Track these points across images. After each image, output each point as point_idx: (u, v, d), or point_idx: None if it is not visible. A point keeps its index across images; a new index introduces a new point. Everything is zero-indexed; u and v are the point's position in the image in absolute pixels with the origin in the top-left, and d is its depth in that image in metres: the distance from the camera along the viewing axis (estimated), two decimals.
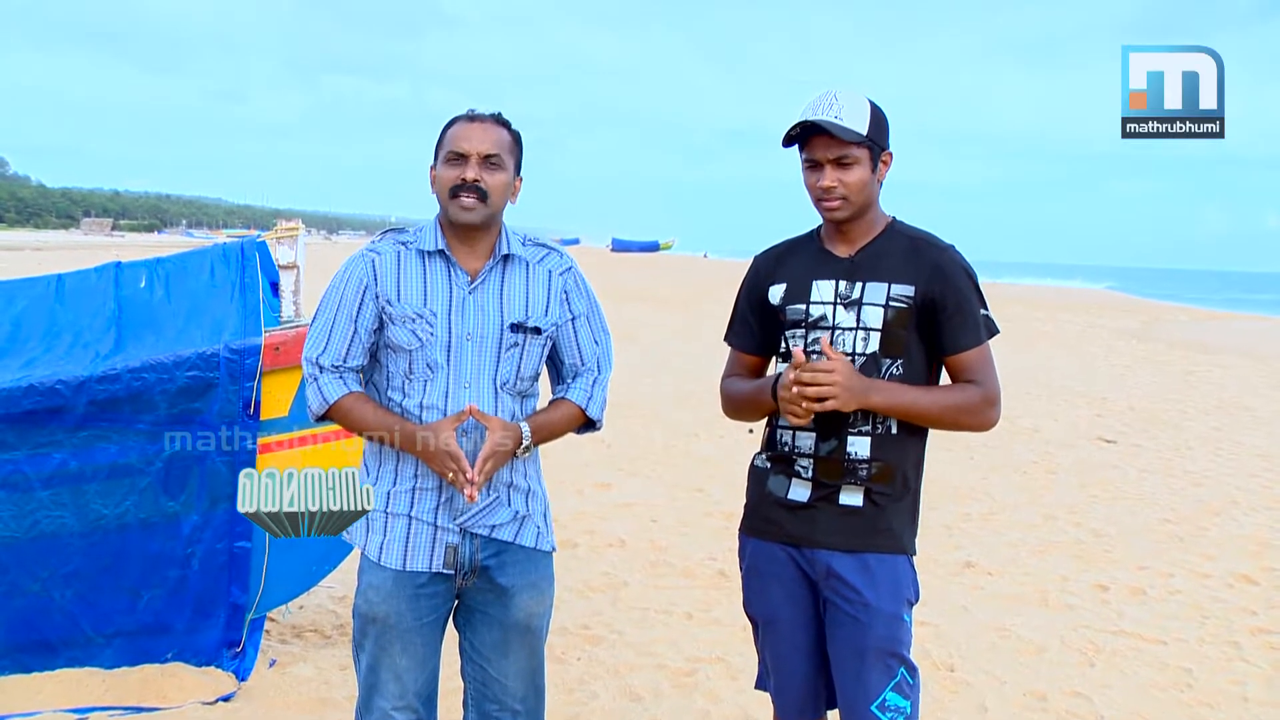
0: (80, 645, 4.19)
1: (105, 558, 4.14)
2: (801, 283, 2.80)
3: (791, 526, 2.78)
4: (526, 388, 2.87)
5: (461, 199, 2.72)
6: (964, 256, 2.76)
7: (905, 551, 2.76)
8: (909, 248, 2.75)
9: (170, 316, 4.35)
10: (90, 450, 4.08)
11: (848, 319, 2.72)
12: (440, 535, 2.80)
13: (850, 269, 2.75)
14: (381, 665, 2.85)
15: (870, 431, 2.71)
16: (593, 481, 8.15)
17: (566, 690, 4.45)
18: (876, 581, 2.71)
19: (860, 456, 2.71)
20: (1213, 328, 29.02)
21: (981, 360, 2.74)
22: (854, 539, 2.72)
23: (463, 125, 2.77)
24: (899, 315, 2.70)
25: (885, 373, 2.70)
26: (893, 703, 2.69)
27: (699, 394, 11.94)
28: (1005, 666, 4.85)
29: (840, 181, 2.68)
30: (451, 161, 2.75)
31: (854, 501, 2.72)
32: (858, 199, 2.70)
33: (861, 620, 2.70)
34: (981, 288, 2.80)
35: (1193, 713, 4.48)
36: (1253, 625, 5.54)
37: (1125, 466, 9.48)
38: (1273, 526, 7.55)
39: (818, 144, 2.69)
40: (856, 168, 2.68)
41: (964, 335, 2.72)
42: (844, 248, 2.78)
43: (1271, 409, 13.06)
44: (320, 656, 4.68)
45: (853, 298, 2.73)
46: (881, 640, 2.69)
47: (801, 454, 2.76)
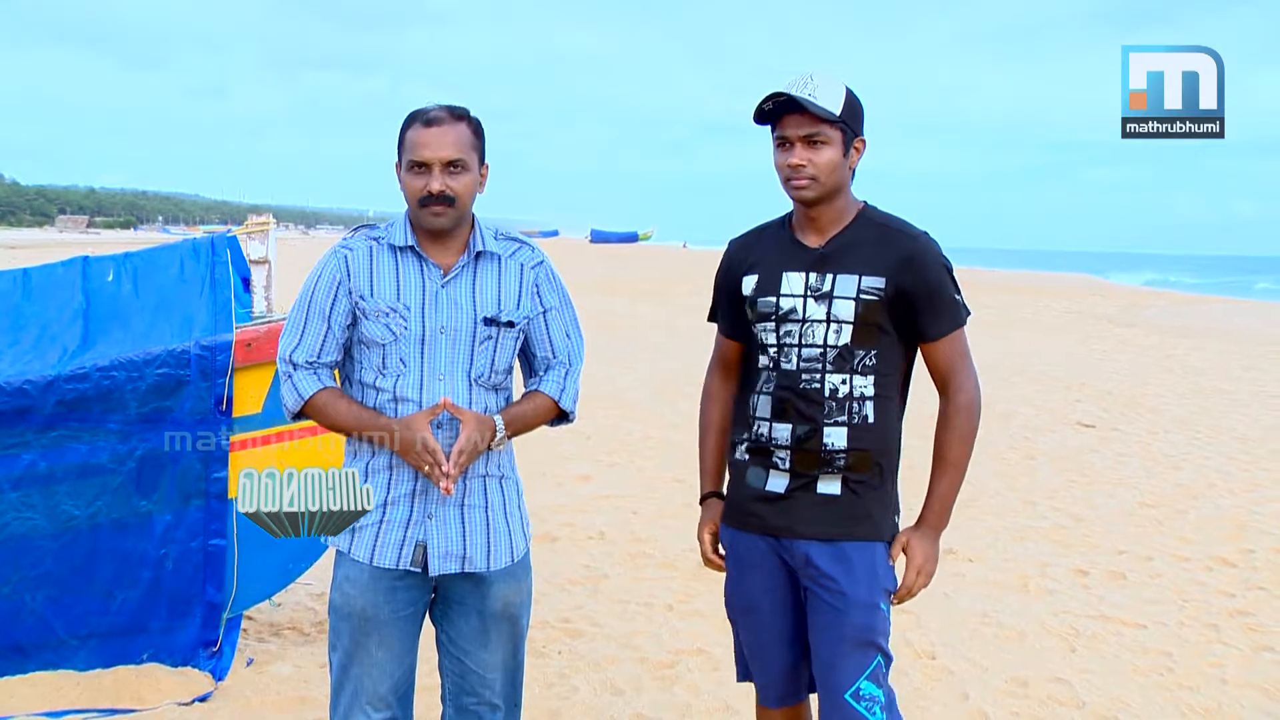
0: (53, 648, 4.14)
1: (77, 559, 4.09)
2: (772, 275, 2.78)
3: (771, 518, 2.79)
4: (500, 381, 2.86)
5: (431, 208, 2.71)
6: (936, 243, 2.75)
7: (883, 539, 2.77)
8: (879, 237, 2.73)
9: (138, 311, 4.29)
10: (60, 450, 4.03)
11: (818, 311, 2.71)
12: (410, 534, 2.78)
13: (820, 261, 2.73)
14: (356, 661, 2.82)
15: (846, 422, 2.71)
16: (572, 474, 8.12)
17: (547, 684, 4.43)
18: (853, 571, 2.71)
19: (837, 447, 2.71)
20: (1190, 312, 29.16)
21: (956, 348, 2.75)
22: (832, 528, 2.72)
23: (420, 131, 2.71)
24: (870, 307, 2.68)
25: (859, 363, 2.70)
26: (867, 691, 2.70)
27: (678, 385, 11.93)
28: (986, 653, 4.85)
29: (810, 160, 2.65)
30: (415, 171, 2.72)
31: (832, 490, 2.73)
32: (827, 180, 2.67)
33: (838, 609, 2.70)
34: (955, 273, 2.78)
35: (1173, 695, 4.49)
36: (1231, 607, 5.56)
37: (1104, 451, 9.51)
38: (1250, 509, 7.58)
39: (789, 121, 2.67)
40: (827, 148, 2.66)
41: (938, 323, 2.72)
42: (814, 237, 2.76)
43: (1248, 392, 13.12)
44: (299, 654, 4.64)
45: (823, 290, 2.71)
46: (857, 629, 2.69)
47: (779, 445, 2.75)
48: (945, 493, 2.77)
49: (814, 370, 2.71)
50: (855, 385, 2.71)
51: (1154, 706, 4.39)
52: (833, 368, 2.70)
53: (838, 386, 2.70)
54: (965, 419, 2.76)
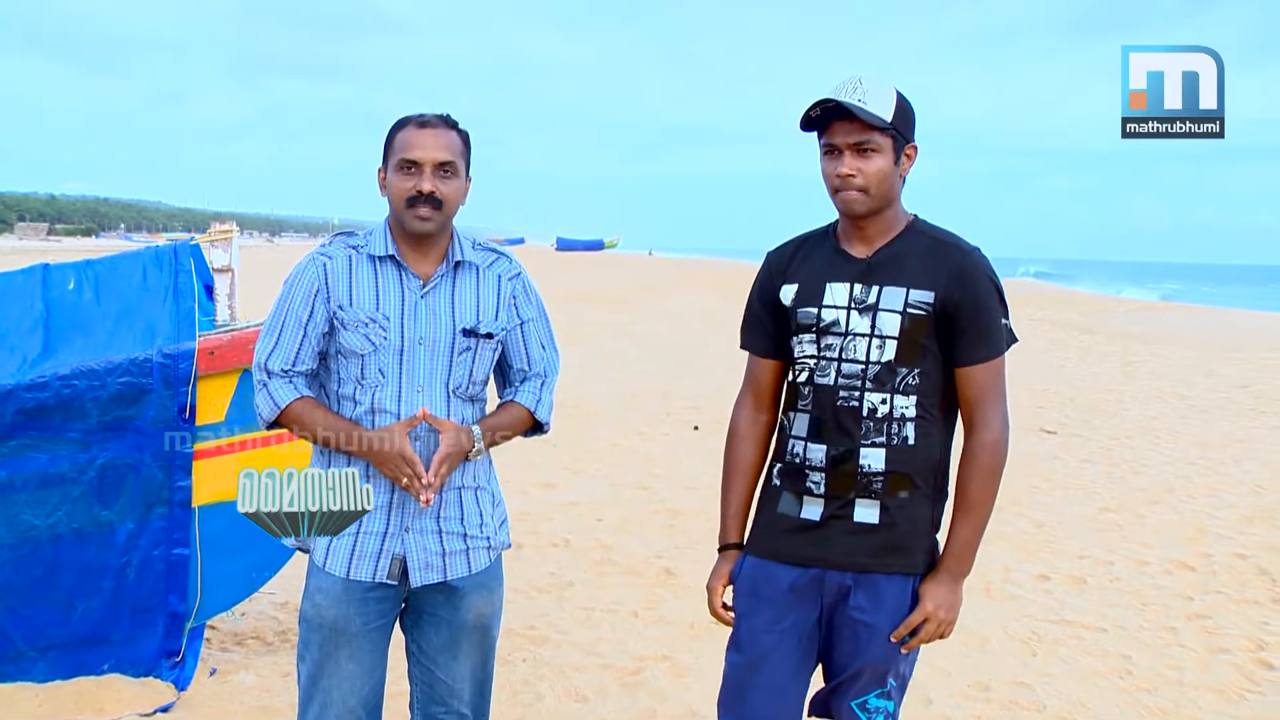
0: (11, 660, 4.08)
1: (37, 569, 4.04)
2: (814, 284, 2.64)
3: (804, 548, 2.64)
4: (477, 392, 2.86)
5: (419, 209, 2.69)
6: (988, 260, 2.61)
7: (917, 570, 2.63)
8: (930, 249, 2.59)
9: (100, 319, 4.25)
10: (20, 460, 3.98)
11: (862, 325, 2.58)
12: (387, 546, 2.77)
13: (866, 271, 2.60)
14: (326, 672, 2.81)
15: (885, 443, 2.57)
16: (537, 481, 8.12)
17: (512, 692, 4.42)
18: (882, 604, 2.61)
19: (874, 469, 2.58)
20: (1149, 318, 29.48)
21: (991, 380, 2.60)
22: (867, 558, 2.60)
23: (414, 132, 2.72)
24: (916, 323, 2.55)
25: (901, 382, 2.57)
26: (873, 704, 2.66)
27: (644, 393, 11.95)
28: (949, 658, 4.89)
29: (860, 170, 2.53)
30: (404, 170, 2.71)
31: (869, 518, 2.59)
32: (877, 191, 2.54)
33: (861, 639, 2.62)
34: (1005, 295, 2.65)
35: (1132, 699, 4.54)
36: (1189, 611, 5.64)
37: (1066, 457, 9.61)
38: (1209, 513, 7.68)
39: (838, 128, 2.54)
40: (878, 156, 2.53)
41: (979, 347, 2.58)
42: (861, 247, 2.63)
43: (1207, 399, 13.28)
44: (262, 664, 4.61)
45: (868, 303, 2.58)
46: (876, 660, 2.62)
47: (813, 466, 2.62)
48: (966, 536, 2.62)
49: (853, 387, 2.58)
50: (896, 405, 2.57)
51: (1113, 709, 4.44)
52: (872, 385, 2.57)
53: (877, 406, 2.57)
54: (990, 457, 2.59)
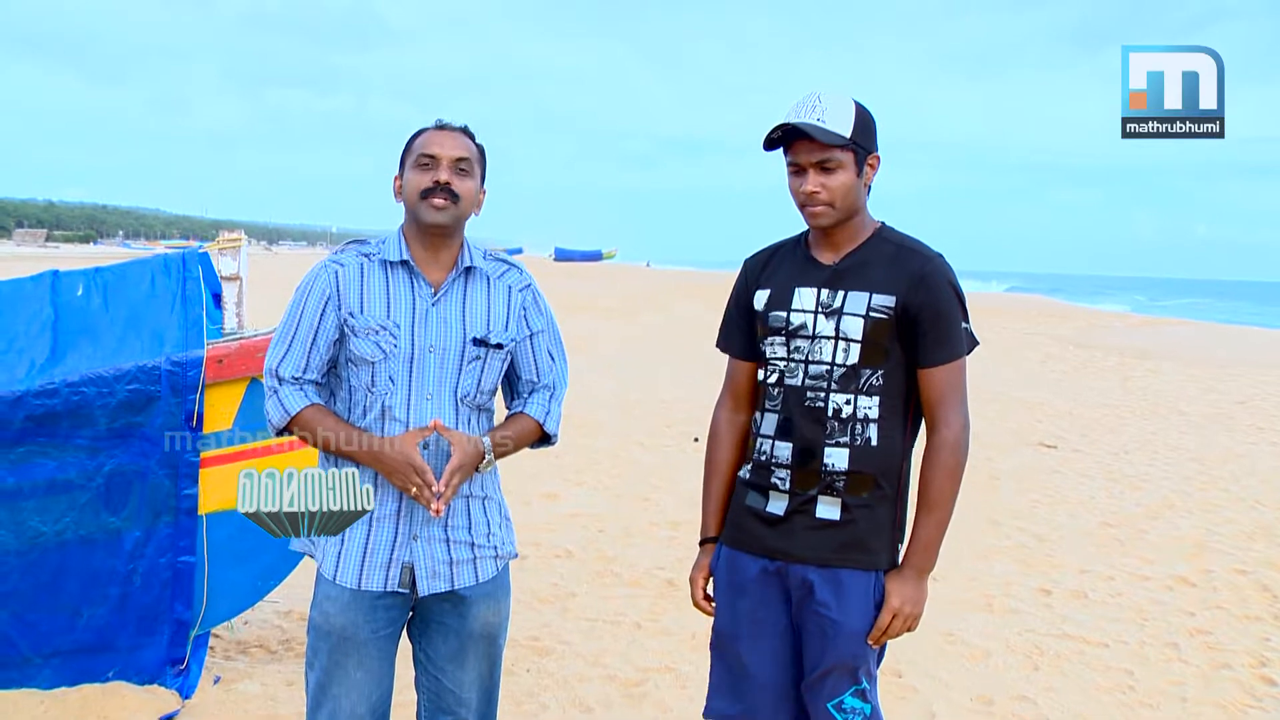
0: (16, 666, 4.08)
1: (43, 576, 4.04)
2: (784, 290, 2.77)
3: (769, 540, 2.76)
4: (485, 401, 2.88)
5: (433, 199, 2.73)
6: (950, 266, 2.71)
7: (879, 568, 2.72)
8: (894, 255, 2.71)
9: (108, 325, 4.25)
10: (28, 466, 3.98)
11: (828, 328, 2.69)
12: (397, 555, 2.78)
13: (833, 277, 2.72)
14: (335, 680, 2.81)
15: (849, 443, 2.68)
16: (539, 492, 8.12)
17: (516, 702, 4.43)
18: (846, 599, 2.69)
19: (837, 468, 2.68)
20: (1147, 333, 29.52)
21: (951, 381, 2.69)
22: (829, 554, 2.69)
23: (433, 133, 2.79)
24: (878, 326, 2.66)
25: (865, 383, 2.68)
26: (849, 704, 2.70)
27: (644, 404, 11.95)
28: (952, 671, 4.90)
29: (824, 186, 2.65)
30: (422, 166, 2.76)
31: (830, 515, 2.69)
32: (842, 204, 2.67)
33: (829, 635, 2.69)
34: (966, 300, 2.76)
35: (1134, 714, 4.55)
36: (1191, 626, 5.65)
37: (1066, 471, 9.62)
38: (1208, 528, 7.70)
39: (800, 148, 2.66)
40: (840, 172, 2.64)
41: (940, 349, 2.68)
42: (829, 254, 2.75)
43: (1204, 413, 13.31)
44: (266, 673, 4.61)
45: (833, 307, 2.69)
46: (844, 657, 2.69)
47: (779, 464, 2.74)
48: (929, 533, 2.70)
49: (819, 389, 2.69)
50: (860, 406, 2.68)
51: None
52: (837, 386, 2.68)
53: (841, 406, 2.68)
54: (949, 455, 2.70)
